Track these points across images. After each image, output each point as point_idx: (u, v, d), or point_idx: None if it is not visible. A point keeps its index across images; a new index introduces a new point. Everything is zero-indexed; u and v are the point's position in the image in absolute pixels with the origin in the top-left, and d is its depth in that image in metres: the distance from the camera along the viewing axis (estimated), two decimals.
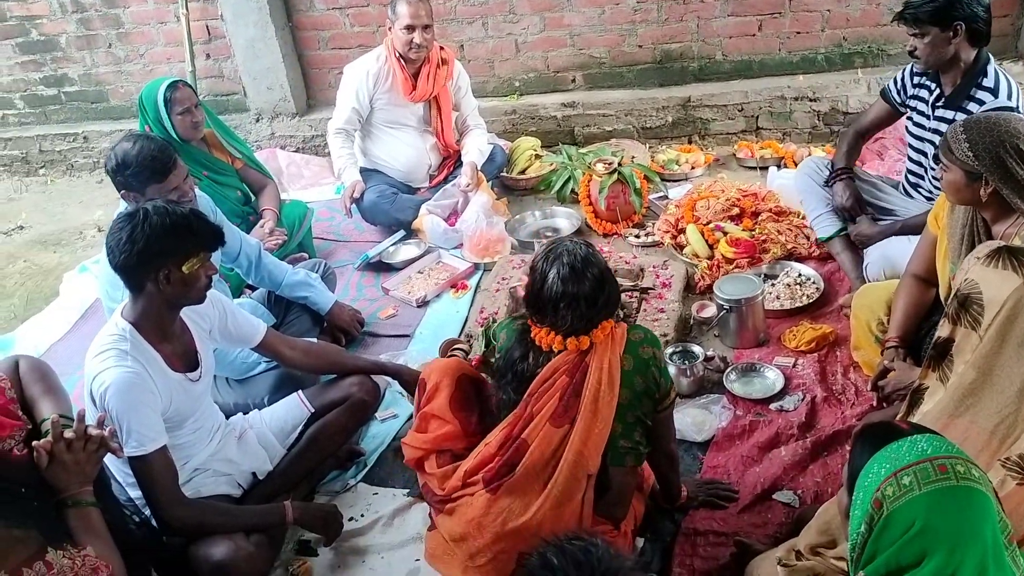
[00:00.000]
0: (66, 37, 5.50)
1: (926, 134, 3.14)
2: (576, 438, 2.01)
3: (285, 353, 2.66)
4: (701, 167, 4.52)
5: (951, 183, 2.29)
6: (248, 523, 2.26)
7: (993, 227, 2.31)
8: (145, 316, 2.19)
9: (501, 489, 2.06)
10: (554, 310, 2.01)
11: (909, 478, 1.36)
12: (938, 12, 2.85)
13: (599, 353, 2.04)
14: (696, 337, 3.20)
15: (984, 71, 2.95)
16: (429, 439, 2.25)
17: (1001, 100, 2.90)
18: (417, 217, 4.13)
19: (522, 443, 2.05)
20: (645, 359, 2.07)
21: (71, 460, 1.88)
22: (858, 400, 2.76)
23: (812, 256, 3.52)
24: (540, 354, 2.09)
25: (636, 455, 2.11)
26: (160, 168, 2.75)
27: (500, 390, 2.16)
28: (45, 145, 5.76)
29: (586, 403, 2.01)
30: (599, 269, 2.03)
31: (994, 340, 1.76)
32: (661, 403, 2.11)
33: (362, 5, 5.02)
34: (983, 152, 2.18)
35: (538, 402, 2.06)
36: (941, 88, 3.06)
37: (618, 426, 2.05)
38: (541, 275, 2.03)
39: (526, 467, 2.03)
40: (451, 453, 2.22)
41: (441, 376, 2.29)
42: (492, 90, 5.14)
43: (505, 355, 2.16)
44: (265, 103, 5.29)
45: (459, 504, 2.13)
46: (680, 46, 4.87)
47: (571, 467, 2.02)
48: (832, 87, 4.67)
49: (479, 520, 2.07)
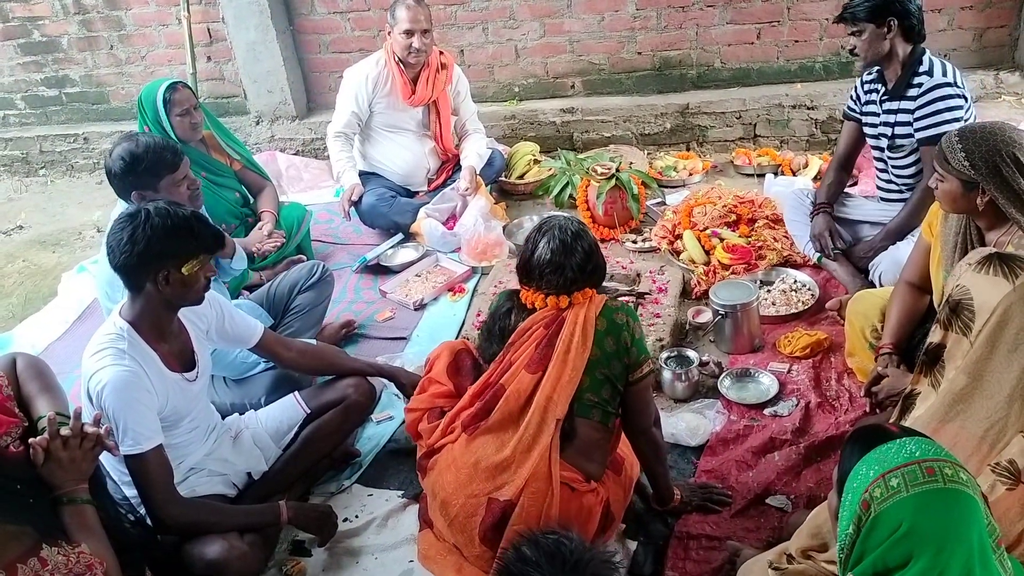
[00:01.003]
0: (68, 38, 5.52)
1: (878, 129, 3.28)
2: (547, 383, 2.12)
3: (282, 354, 2.67)
4: (699, 174, 4.54)
5: (947, 193, 2.30)
6: (242, 523, 2.27)
7: (987, 235, 2.32)
8: (143, 316, 2.20)
9: (477, 431, 2.17)
10: (540, 275, 2.15)
11: (897, 480, 1.37)
12: (873, 10, 3.04)
13: (575, 309, 2.15)
14: (692, 342, 3.22)
15: (920, 60, 3.12)
16: (426, 398, 2.39)
17: (936, 79, 3.07)
18: (415, 220, 4.15)
19: (499, 388, 2.17)
20: (619, 324, 2.16)
21: (67, 457, 1.89)
22: (852, 406, 2.77)
23: (807, 263, 3.54)
24: (524, 311, 2.22)
25: (602, 412, 2.19)
26: (171, 157, 2.78)
27: (487, 344, 2.28)
28: (46, 146, 5.78)
29: (559, 352, 2.12)
30: (588, 243, 2.16)
31: (984, 346, 1.77)
32: (633, 371, 2.18)
33: (363, 9, 5.05)
34: (979, 161, 2.19)
35: (516, 351, 2.18)
36: (887, 86, 3.22)
37: (586, 379, 2.14)
38: (532, 244, 2.18)
39: (501, 411, 2.15)
40: (440, 410, 2.34)
41: (443, 349, 2.48)
42: (492, 95, 5.16)
43: (492, 312, 2.30)
44: (265, 106, 5.31)
45: (440, 455, 2.24)
46: (679, 53, 4.90)
47: (541, 411, 2.12)
48: (830, 95, 4.69)
49: (455, 462, 2.17)
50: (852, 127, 3.47)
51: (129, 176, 2.75)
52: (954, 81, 3.05)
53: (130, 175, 2.75)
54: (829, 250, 3.37)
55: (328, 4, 5.07)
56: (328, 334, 3.45)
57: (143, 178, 2.75)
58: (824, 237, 3.40)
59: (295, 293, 3.32)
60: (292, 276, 3.36)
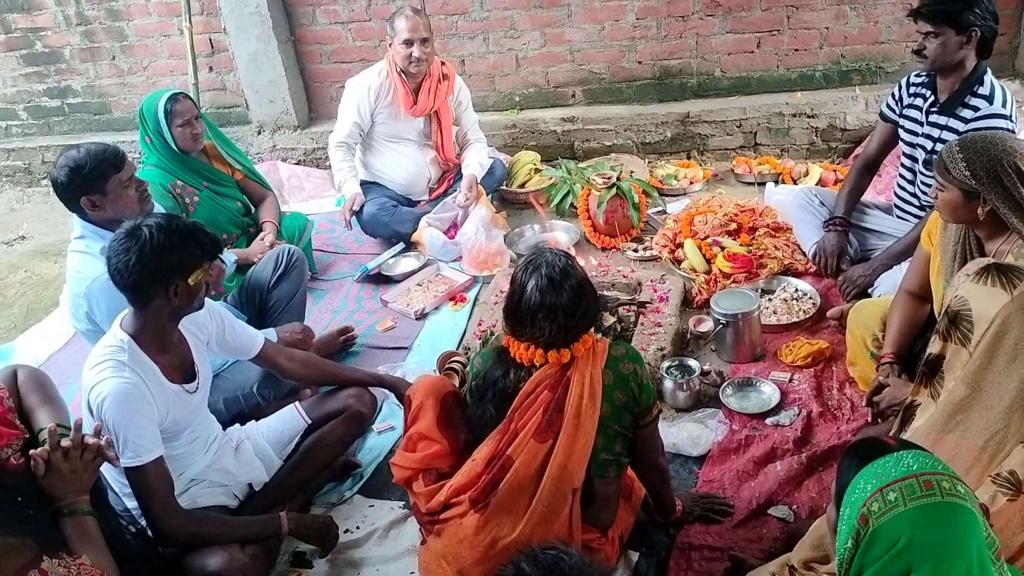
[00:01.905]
0: (70, 49, 5.55)
1: (918, 139, 3.17)
2: (560, 452, 2.01)
3: (283, 364, 2.67)
4: (699, 182, 4.54)
5: (948, 202, 2.29)
6: (243, 534, 2.27)
7: (987, 244, 2.32)
8: (145, 328, 2.21)
9: (488, 508, 2.05)
10: (532, 321, 2.02)
11: (895, 494, 1.37)
12: (960, 15, 2.86)
13: (580, 367, 2.05)
14: (693, 351, 3.21)
15: (980, 80, 2.99)
16: (417, 459, 2.23)
17: (995, 107, 2.94)
18: (416, 230, 4.16)
19: (507, 460, 2.04)
20: (625, 374, 2.08)
21: (68, 469, 1.89)
22: (853, 415, 2.76)
23: (809, 272, 3.53)
24: (521, 369, 2.10)
25: (617, 466, 2.13)
26: (112, 158, 2.69)
27: (480, 408, 2.14)
28: (48, 156, 5.79)
29: (569, 417, 2.02)
30: (577, 280, 2.04)
31: (983, 356, 1.77)
32: (643, 418, 2.12)
33: (364, 20, 5.07)
34: (981, 171, 2.19)
35: (522, 418, 2.06)
36: (936, 95, 3.09)
37: (599, 439, 2.05)
38: (520, 286, 2.05)
39: (510, 484, 2.03)
40: (437, 472, 2.21)
41: (425, 396, 2.27)
42: (493, 104, 5.18)
43: (484, 376, 2.15)
44: (267, 116, 5.32)
45: (448, 524, 2.12)
46: (679, 62, 4.91)
47: (555, 481, 2.02)
48: (830, 104, 4.70)
49: (470, 540, 2.06)
50: (887, 129, 3.35)
51: (76, 181, 2.67)
52: (1010, 115, 2.93)
53: (76, 179, 2.66)
54: (831, 272, 3.34)
55: (329, 15, 5.09)
56: (324, 342, 3.40)
57: (89, 182, 2.65)
58: (831, 259, 3.35)
59: (268, 290, 3.27)
60: (259, 272, 3.29)
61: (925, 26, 2.93)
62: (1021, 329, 1.74)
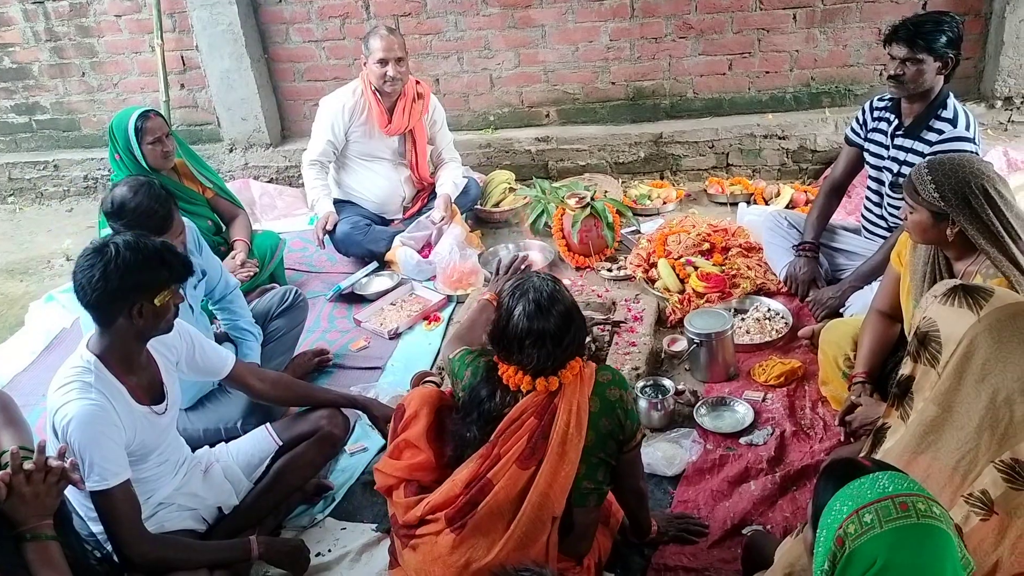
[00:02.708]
0: (39, 65, 5.49)
1: (884, 163, 3.22)
2: (542, 480, 1.99)
3: (254, 385, 2.64)
4: (672, 202, 4.58)
5: (917, 224, 2.33)
6: (212, 559, 2.23)
7: (955, 265, 2.36)
8: (112, 349, 2.17)
9: (465, 529, 2.02)
10: (520, 348, 2.00)
11: (871, 516, 1.37)
12: (945, 45, 2.90)
13: (568, 395, 2.02)
14: (667, 371, 3.22)
15: (944, 103, 3.04)
16: (402, 467, 2.18)
17: (959, 131, 2.99)
18: (390, 249, 4.14)
19: (487, 483, 2.02)
20: (612, 401, 2.06)
21: (30, 492, 1.85)
22: (826, 435, 2.78)
23: (781, 291, 3.56)
24: (508, 393, 2.07)
25: (599, 494, 2.11)
26: (156, 226, 2.67)
27: (463, 427, 2.12)
28: (15, 173, 5.71)
29: (553, 445, 1.99)
30: (565, 306, 2.02)
31: (952, 377, 1.79)
32: (626, 444, 2.10)
33: (338, 39, 5.06)
34: (949, 193, 2.22)
35: (506, 443, 2.03)
36: (901, 119, 3.14)
37: (582, 467, 2.03)
38: (507, 312, 2.02)
39: (489, 506, 2.00)
40: (418, 484, 2.18)
41: (421, 405, 2.23)
42: (467, 124, 5.19)
43: (471, 392, 2.12)
44: (239, 134, 5.29)
45: (423, 541, 2.09)
46: (652, 83, 4.95)
47: (535, 508, 1.99)
48: (800, 125, 4.76)
49: (444, 559, 2.04)
50: (853, 153, 3.40)
51: (111, 220, 2.73)
52: (973, 138, 2.97)
53: (113, 219, 2.72)
54: (802, 297, 3.36)
55: (303, 33, 5.08)
56: (300, 362, 3.41)
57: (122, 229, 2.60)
58: (802, 285, 3.37)
59: (268, 319, 3.30)
60: (265, 303, 3.34)
61: (900, 51, 2.94)
62: (988, 349, 1.76)
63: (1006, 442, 1.72)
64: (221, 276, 3.11)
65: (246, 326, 3.14)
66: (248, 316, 3.18)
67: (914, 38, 2.91)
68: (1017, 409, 1.73)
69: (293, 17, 5.03)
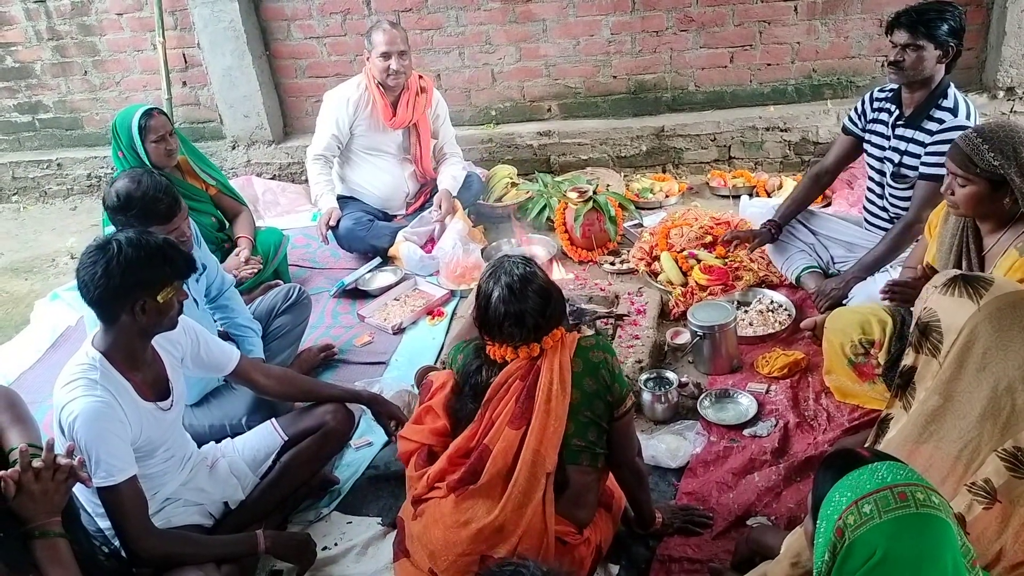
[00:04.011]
0: (41, 64, 5.49)
1: (886, 153, 3.22)
2: (532, 437, 2.05)
3: (259, 381, 2.64)
4: (675, 195, 4.58)
5: (971, 196, 2.26)
6: (219, 553, 2.24)
7: (987, 238, 2.32)
8: (117, 346, 2.17)
9: (466, 493, 2.09)
10: (500, 329, 2.09)
11: (870, 506, 1.37)
12: (946, 33, 2.91)
13: (549, 356, 2.10)
14: (670, 363, 3.22)
15: (944, 93, 3.05)
16: (424, 431, 2.25)
17: (960, 119, 2.99)
18: (393, 244, 4.15)
19: (484, 449, 2.09)
20: (595, 362, 2.12)
21: (39, 490, 1.86)
22: (830, 426, 2.78)
23: (784, 283, 3.57)
24: (494, 365, 2.15)
25: (591, 455, 2.15)
26: (166, 209, 2.70)
27: (459, 403, 2.20)
28: (18, 172, 5.73)
29: (540, 403, 2.06)
30: (539, 284, 2.10)
31: (954, 366, 1.79)
32: (617, 408, 2.15)
33: (339, 35, 5.06)
34: (1012, 155, 2.18)
35: (496, 408, 2.11)
36: (902, 109, 3.14)
37: (571, 425, 2.09)
38: (485, 296, 2.11)
39: (490, 472, 2.06)
40: (429, 450, 2.24)
41: (448, 378, 2.28)
42: (469, 119, 5.19)
43: (463, 371, 2.21)
44: (241, 131, 5.29)
45: (427, 506, 2.15)
46: (654, 77, 4.95)
47: (529, 466, 2.05)
48: (802, 118, 4.76)
49: (444, 521, 2.09)
50: (847, 141, 3.41)
51: (118, 215, 2.70)
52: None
53: (120, 214, 2.69)
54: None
55: (304, 29, 5.08)
56: (306, 358, 3.43)
57: (131, 223, 2.62)
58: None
59: (272, 316, 3.31)
60: (269, 300, 3.34)
61: (902, 37, 2.96)
62: (989, 338, 1.76)
63: (1008, 430, 1.73)
64: (218, 273, 3.11)
65: (244, 322, 3.15)
66: (246, 312, 3.19)
67: (916, 24, 2.93)
68: (1019, 397, 1.73)
69: (294, 13, 5.04)
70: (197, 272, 2.83)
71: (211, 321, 3.07)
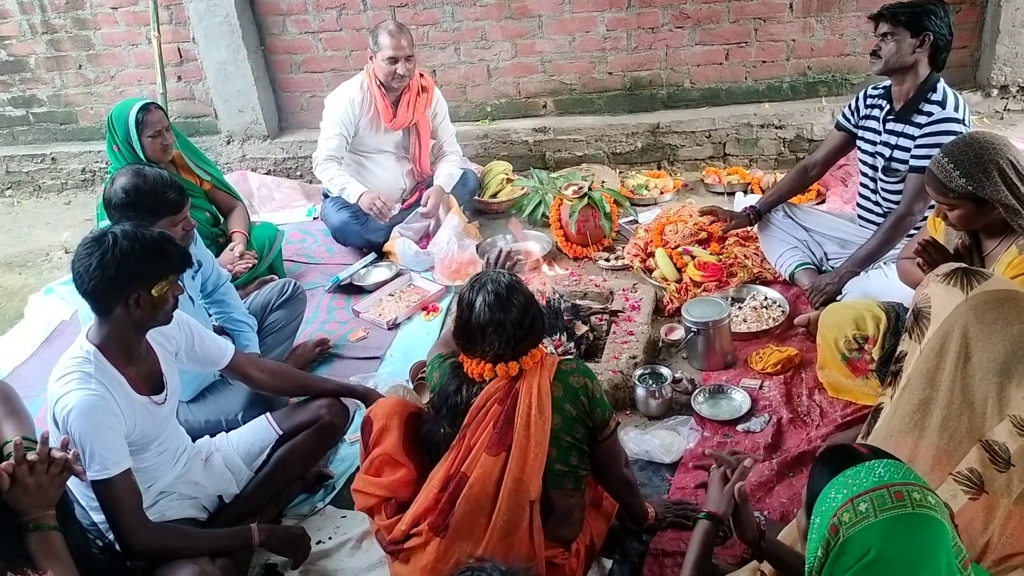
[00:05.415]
0: (35, 58, 5.48)
1: (877, 147, 3.25)
2: (514, 465, 2.01)
3: (253, 375, 2.64)
4: (670, 192, 4.58)
5: (962, 217, 2.26)
6: (213, 547, 2.24)
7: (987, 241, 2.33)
8: (111, 339, 2.17)
9: (448, 531, 2.03)
10: (482, 336, 2.06)
11: (865, 505, 1.37)
12: (914, 18, 2.98)
13: (528, 378, 2.07)
14: (665, 359, 3.23)
15: (933, 87, 3.09)
16: (384, 484, 2.16)
17: (948, 112, 3.03)
18: (388, 239, 4.15)
19: (462, 477, 2.04)
20: (575, 388, 2.09)
21: (33, 483, 1.86)
22: (823, 422, 2.80)
23: (778, 280, 3.58)
24: (473, 385, 2.12)
25: (575, 478, 2.13)
26: (175, 199, 2.69)
27: (435, 425, 2.15)
28: (12, 166, 5.71)
29: (519, 429, 2.02)
30: (524, 296, 2.09)
31: (935, 355, 1.80)
32: (599, 432, 2.13)
33: (334, 30, 5.06)
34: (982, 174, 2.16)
35: (475, 433, 2.07)
36: (892, 104, 3.19)
37: (552, 450, 2.06)
38: (468, 304, 2.09)
39: (467, 499, 2.01)
40: (398, 502, 2.16)
41: (388, 417, 2.20)
42: (464, 115, 5.18)
43: (440, 391, 2.17)
44: (236, 125, 5.29)
45: (412, 552, 2.10)
46: (649, 74, 4.95)
47: (512, 494, 2.01)
48: (797, 115, 4.77)
49: (433, 566, 2.04)
50: (839, 137, 3.45)
51: (128, 211, 2.63)
52: (963, 119, 3.02)
53: (129, 210, 2.64)
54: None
55: (300, 24, 5.07)
56: (301, 353, 3.43)
57: (141, 215, 2.56)
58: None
59: (268, 311, 3.31)
60: (264, 295, 3.35)
61: (883, 27, 3.05)
62: (971, 330, 1.78)
63: (989, 421, 1.74)
64: (213, 268, 3.11)
65: (240, 317, 3.15)
66: (241, 307, 3.19)
67: (894, 14, 3.03)
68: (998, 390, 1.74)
69: (290, 8, 5.03)
70: (193, 268, 2.84)
71: (206, 317, 3.07)
